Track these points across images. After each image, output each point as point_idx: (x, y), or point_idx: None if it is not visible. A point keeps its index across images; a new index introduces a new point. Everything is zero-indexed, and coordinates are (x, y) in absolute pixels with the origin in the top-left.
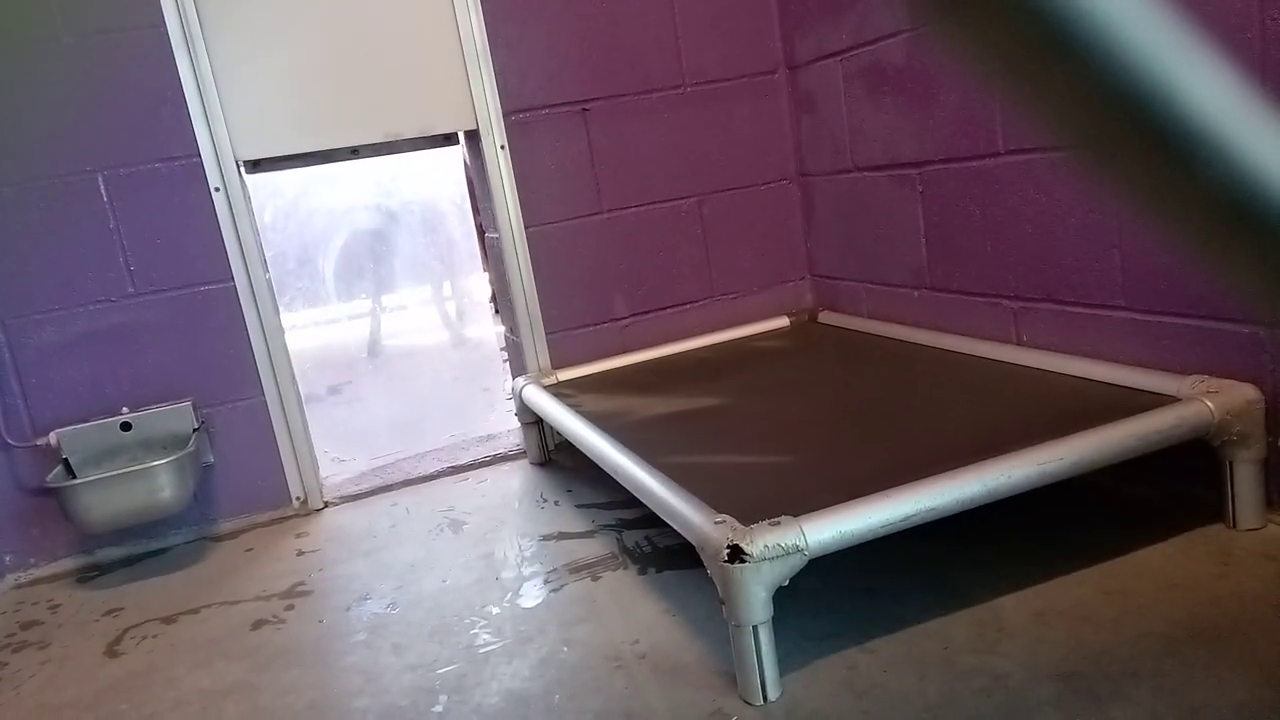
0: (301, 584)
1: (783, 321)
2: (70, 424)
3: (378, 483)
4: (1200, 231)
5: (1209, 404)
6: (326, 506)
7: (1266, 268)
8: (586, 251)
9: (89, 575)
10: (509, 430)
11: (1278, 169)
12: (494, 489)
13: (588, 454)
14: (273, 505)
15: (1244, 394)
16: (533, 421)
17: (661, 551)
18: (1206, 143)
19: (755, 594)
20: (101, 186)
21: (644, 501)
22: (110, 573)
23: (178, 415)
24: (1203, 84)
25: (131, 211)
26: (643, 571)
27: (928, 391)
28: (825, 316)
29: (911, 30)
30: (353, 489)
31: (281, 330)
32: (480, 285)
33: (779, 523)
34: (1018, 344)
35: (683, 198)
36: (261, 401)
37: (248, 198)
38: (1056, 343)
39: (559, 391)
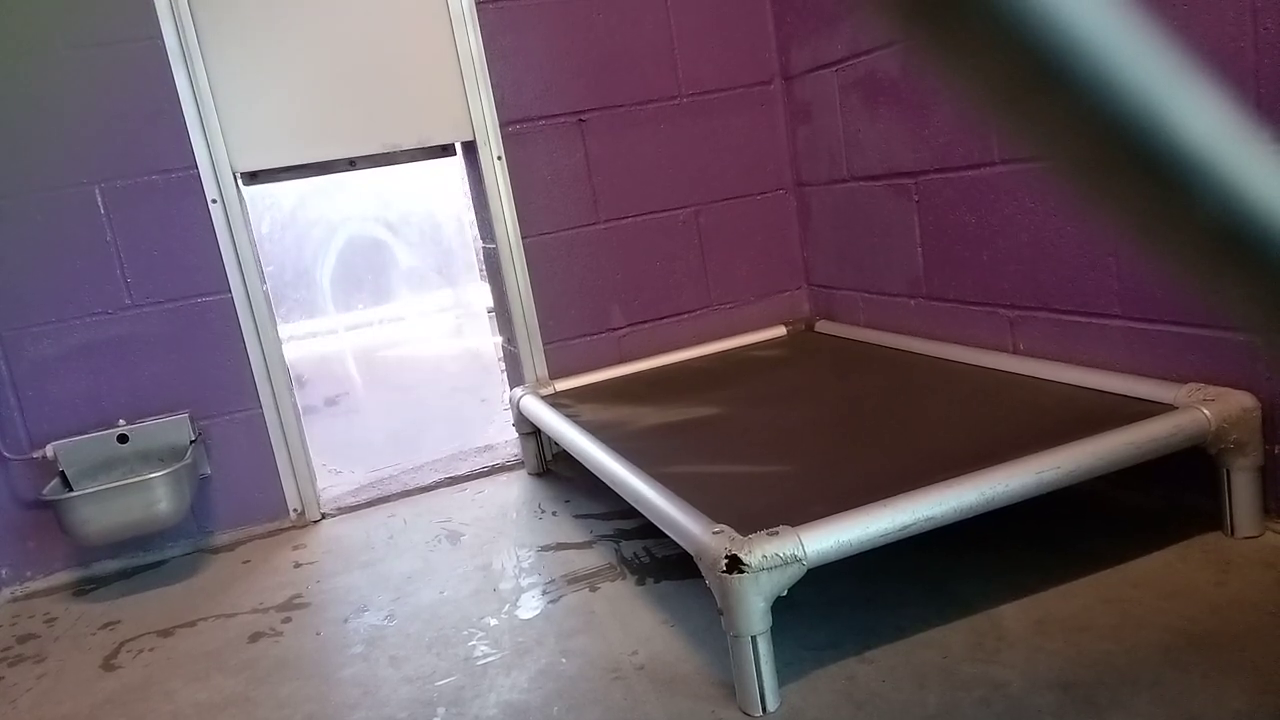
0: (299, 596)
1: (780, 331)
2: (67, 436)
3: (375, 494)
4: (1191, 253)
5: (1206, 412)
6: (324, 518)
7: (1258, 291)
8: (584, 262)
9: (85, 588)
10: (507, 441)
11: (1269, 192)
12: (492, 500)
13: (585, 464)
14: (270, 517)
15: (1241, 402)
16: (530, 432)
17: (660, 562)
18: (1197, 164)
19: (754, 604)
20: (99, 199)
21: (642, 512)
22: (107, 586)
23: (175, 427)
24: (1192, 104)
25: (129, 223)
26: (641, 582)
27: (925, 400)
28: (822, 326)
29: (905, 41)
30: (350, 500)
31: (279, 341)
32: (479, 295)
33: (777, 532)
34: (1014, 353)
35: (679, 208)
36: (259, 413)
37: (245, 209)
38: (1053, 351)
39: (557, 402)
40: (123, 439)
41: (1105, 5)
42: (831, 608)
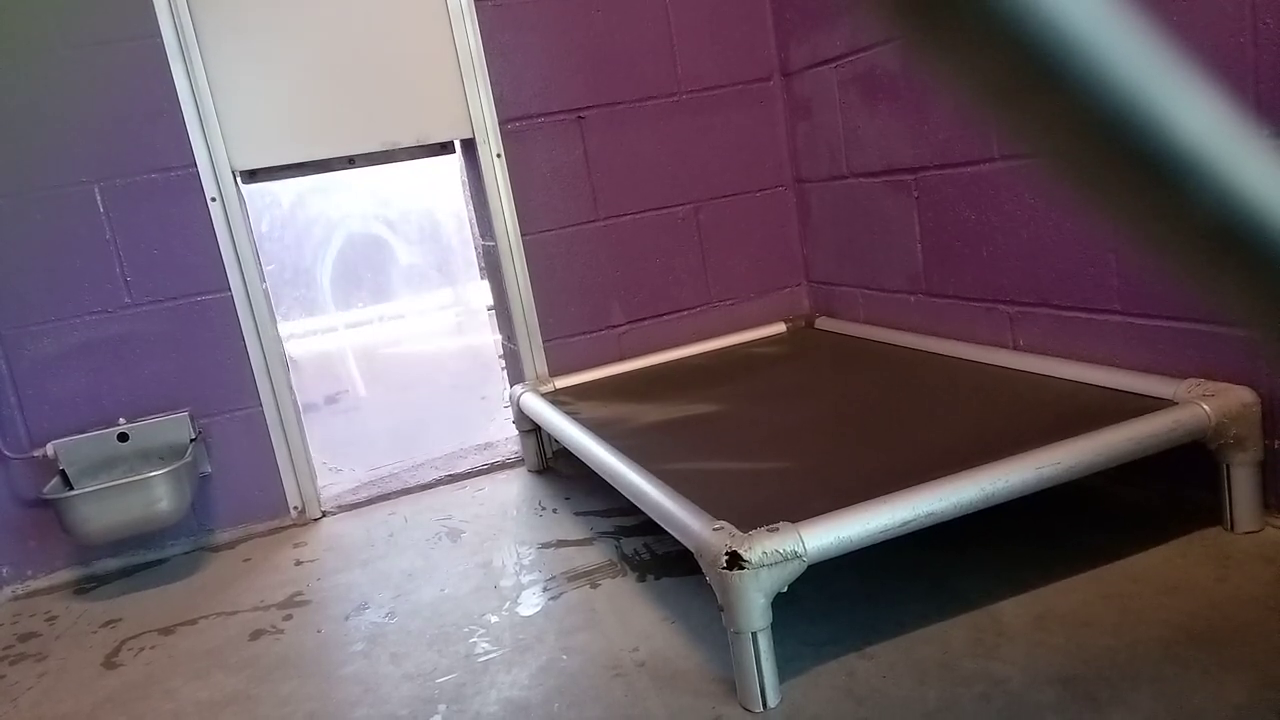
0: (299, 594)
1: (780, 327)
2: (67, 435)
3: (375, 492)
4: (1188, 249)
5: (1205, 407)
6: (324, 516)
7: (1255, 287)
8: (583, 259)
9: (86, 587)
10: (507, 438)
11: (1267, 186)
12: (492, 497)
13: (586, 461)
14: (270, 515)
15: (1240, 397)
16: (531, 429)
17: (660, 558)
18: (1193, 160)
19: (754, 600)
20: (98, 197)
21: (642, 508)
22: (108, 584)
23: (175, 426)
24: (1188, 100)
25: (128, 222)
26: (641, 579)
27: (925, 396)
28: (822, 322)
29: (905, 37)
30: (350, 498)
31: (279, 339)
32: (479, 293)
33: (777, 529)
34: (1014, 348)
35: (679, 205)
36: (259, 411)
37: (244, 207)
38: (1053, 347)
39: (557, 399)
40: (123, 437)
41: (1101, 1)
42: (832, 604)
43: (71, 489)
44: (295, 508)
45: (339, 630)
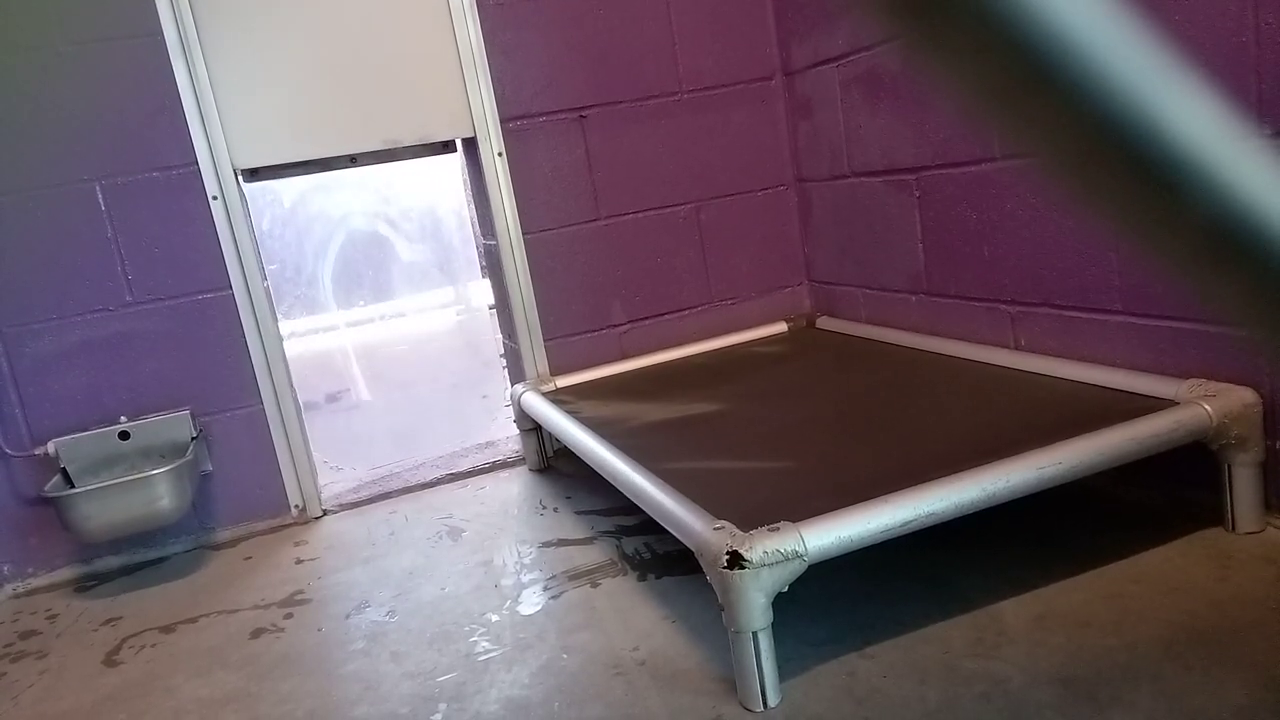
0: (300, 592)
1: (781, 327)
2: (68, 433)
3: (376, 490)
4: (1184, 251)
5: (1207, 408)
6: (325, 514)
7: (1251, 288)
8: (584, 258)
9: (87, 585)
10: (508, 437)
11: (1264, 193)
12: (493, 496)
13: (587, 460)
14: (271, 513)
15: (1242, 397)
16: (531, 428)
17: (661, 558)
18: (1188, 161)
19: (754, 600)
20: (99, 195)
21: (643, 508)
22: (108, 582)
23: (176, 424)
24: (1183, 101)
25: (129, 220)
26: (642, 578)
27: (926, 396)
28: (823, 322)
29: (903, 38)
30: (351, 497)
31: (280, 338)
32: (481, 291)
33: (778, 528)
34: (1015, 348)
35: (680, 204)
36: (260, 409)
37: (246, 206)
38: (1054, 347)
39: (558, 398)
40: (124, 435)
41: (1096, 2)
42: (832, 603)
43: (72, 487)
44: (296, 506)
45: (339, 628)
